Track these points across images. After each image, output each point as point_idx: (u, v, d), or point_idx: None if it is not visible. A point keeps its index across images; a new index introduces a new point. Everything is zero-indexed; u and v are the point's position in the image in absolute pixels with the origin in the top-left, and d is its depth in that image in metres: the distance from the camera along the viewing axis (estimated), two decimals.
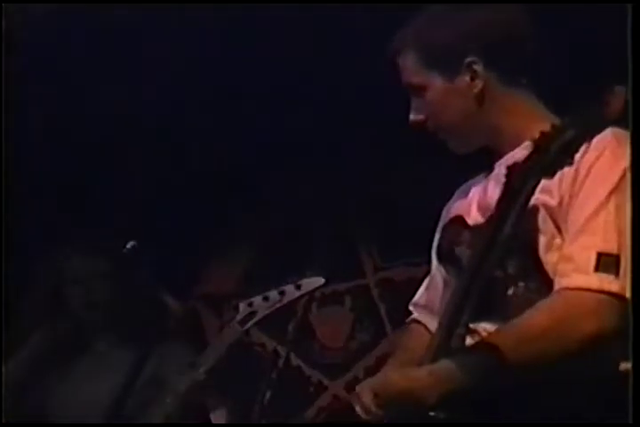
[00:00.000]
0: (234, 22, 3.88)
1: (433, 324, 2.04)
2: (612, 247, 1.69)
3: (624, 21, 1.54)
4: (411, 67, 2.01)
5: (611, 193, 1.75)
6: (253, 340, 5.71)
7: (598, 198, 1.75)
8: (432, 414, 1.70)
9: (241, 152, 4.96)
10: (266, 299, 3.56)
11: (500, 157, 2.04)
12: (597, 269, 1.67)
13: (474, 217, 2.01)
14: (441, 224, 2.18)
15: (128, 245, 4.44)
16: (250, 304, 3.58)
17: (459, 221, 2.09)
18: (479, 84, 1.98)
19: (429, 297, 2.23)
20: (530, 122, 1.99)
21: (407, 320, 2.27)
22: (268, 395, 5.60)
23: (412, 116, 2.05)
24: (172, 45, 4.05)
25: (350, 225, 5.45)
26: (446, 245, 2.08)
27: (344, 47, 3.98)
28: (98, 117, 4.52)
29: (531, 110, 2.03)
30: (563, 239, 1.80)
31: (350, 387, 5.37)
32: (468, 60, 1.97)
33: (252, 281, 5.71)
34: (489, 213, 1.86)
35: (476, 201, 2.06)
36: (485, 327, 1.87)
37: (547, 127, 1.79)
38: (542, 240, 1.81)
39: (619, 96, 1.59)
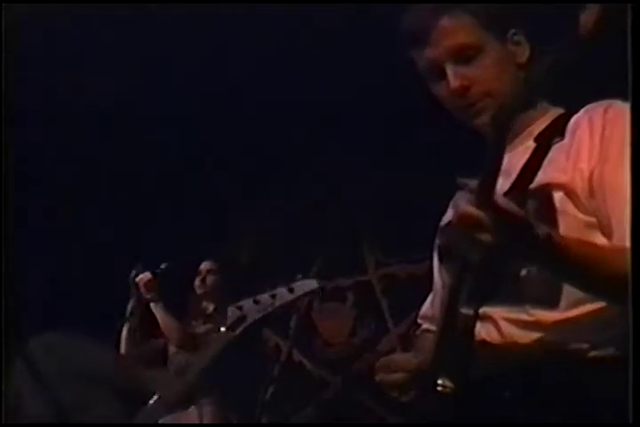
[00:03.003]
0: (234, 23, 3.90)
1: None
2: None
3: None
4: (466, 27, 1.91)
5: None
6: (255, 336, 5.73)
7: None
8: (440, 382, 1.68)
9: (241, 149, 4.97)
10: (256, 302, 3.49)
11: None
12: None
13: None
14: (442, 225, 2.14)
15: (162, 266, 4.55)
16: (239, 308, 3.51)
17: None
18: (525, 53, 1.97)
19: (436, 310, 2.20)
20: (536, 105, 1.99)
21: (417, 332, 2.23)
22: (270, 390, 5.63)
23: (456, 83, 1.88)
24: (173, 45, 4.07)
25: (352, 222, 5.46)
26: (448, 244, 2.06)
27: (345, 46, 3.99)
28: (97, 115, 4.53)
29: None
30: (589, 215, 1.77)
31: (352, 383, 5.40)
32: (513, 30, 1.96)
33: (254, 278, 5.74)
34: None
35: None
36: (498, 311, 1.83)
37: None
38: (563, 221, 1.75)
39: (590, 13, 1.59)
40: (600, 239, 1.74)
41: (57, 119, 4.48)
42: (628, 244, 1.59)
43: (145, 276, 4.54)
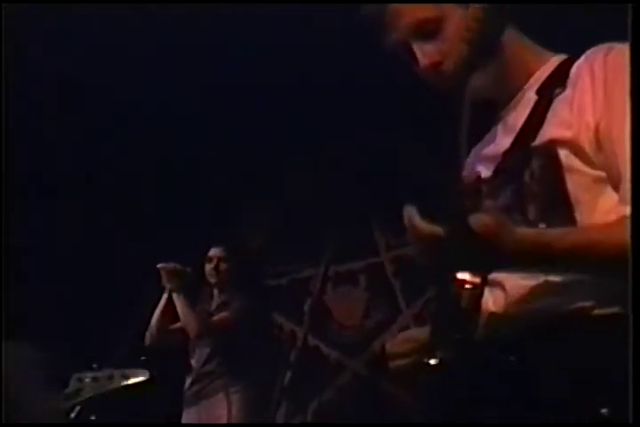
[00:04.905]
0: (234, 23, 3.92)
1: None
2: None
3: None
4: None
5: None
6: (271, 322, 5.76)
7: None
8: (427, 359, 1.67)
9: (250, 133, 4.97)
10: (95, 380, 3.61)
11: (503, 106, 1.94)
12: None
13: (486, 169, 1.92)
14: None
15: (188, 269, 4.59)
16: (80, 380, 3.62)
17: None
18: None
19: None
20: (533, 55, 1.93)
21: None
22: (287, 376, 5.66)
23: (425, 61, 1.81)
24: (173, 44, 4.08)
25: (363, 204, 5.47)
26: None
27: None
28: (97, 115, 4.57)
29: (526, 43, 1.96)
30: (599, 169, 1.72)
31: (369, 365, 5.42)
32: None
33: (266, 264, 5.77)
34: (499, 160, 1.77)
35: (486, 155, 1.96)
36: (504, 277, 1.80)
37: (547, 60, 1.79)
38: (570, 178, 1.67)
39: None
40: (610, 194, 1.67)
41: (57, 118, 4.51)
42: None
43: (167, 265, 4.56)
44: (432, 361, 1.62)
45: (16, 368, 3.68)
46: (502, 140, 1.79)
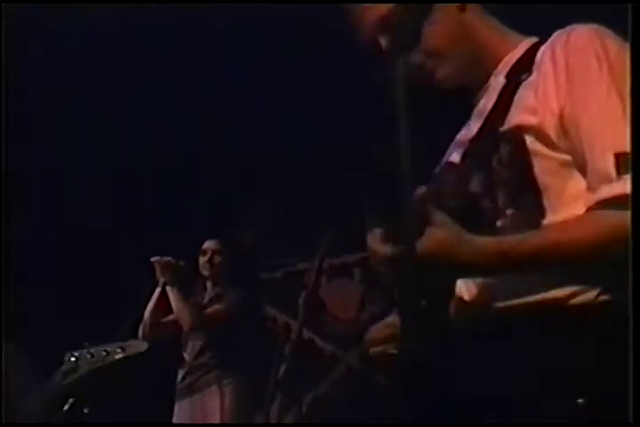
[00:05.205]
0: (232, 23, 3.91)
1: None
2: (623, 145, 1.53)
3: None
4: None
5: (606, 84, 1.61)
6: (265, 315, 5.77)
7: (598, 96, 1.62)
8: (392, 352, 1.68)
9: (244, 127, 4.98)
10: (91, 355, 3.60)
11: (478, 90, 1.93)
12: (618, 172, 1.56)
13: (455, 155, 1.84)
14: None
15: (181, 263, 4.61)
16: (75, 357, 3.62)
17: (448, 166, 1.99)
18: None
19: None
20: (504, 39, 1.86)
21: None
22: (282, 369, 5.66)
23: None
24: (172, 43, 4.08)
25: (358, 197, 5.46)
26: None
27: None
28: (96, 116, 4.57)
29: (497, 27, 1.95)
30: (564, 154, 1.66)
31: (363, 358, 5.43)
32: None
33: (260, 257, 5.77)
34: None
35: (458, 141, 1.87)
36: None
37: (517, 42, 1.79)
38: (537, 163, 1.65)
39: None
40: (578, 178, 1.66)
41: (57, 118, 4.50)
42: (602, 184, 1.57)
43: (161, 259, 4.56)
44: (392, 351, 1.65)
45: (16, 368, 3.70)
46: (473, 126, 1.78)
